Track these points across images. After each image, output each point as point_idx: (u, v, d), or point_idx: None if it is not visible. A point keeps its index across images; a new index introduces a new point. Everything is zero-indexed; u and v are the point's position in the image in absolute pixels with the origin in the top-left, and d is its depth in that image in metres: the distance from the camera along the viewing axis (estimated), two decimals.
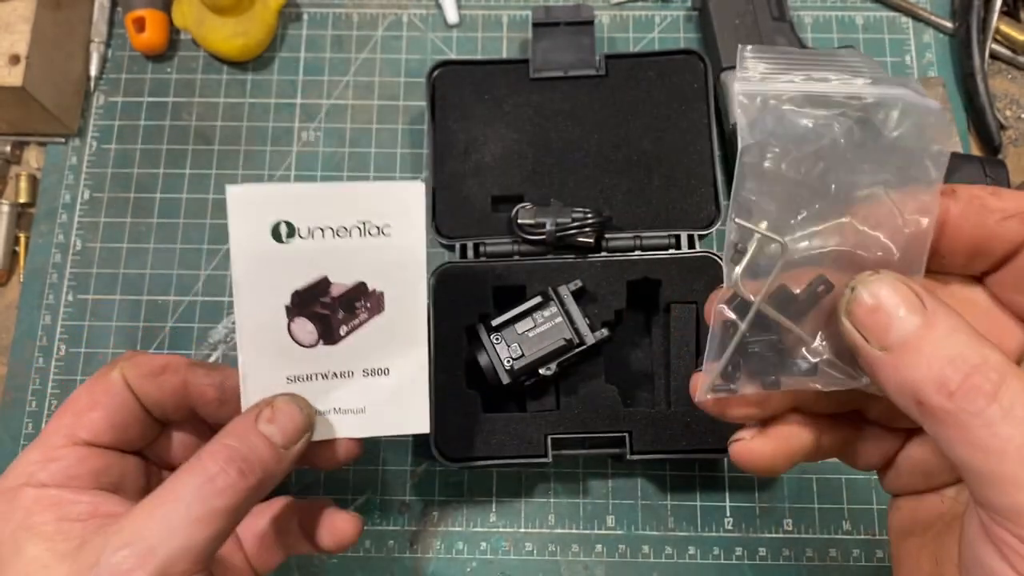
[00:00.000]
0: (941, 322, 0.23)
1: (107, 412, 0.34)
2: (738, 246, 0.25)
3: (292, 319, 0.34)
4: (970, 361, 0.22)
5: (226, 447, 0.31)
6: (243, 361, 0.34)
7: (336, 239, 0.34)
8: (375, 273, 0.35)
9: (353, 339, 0.35)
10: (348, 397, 0.36)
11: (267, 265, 0.33)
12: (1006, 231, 0.25)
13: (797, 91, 0.25)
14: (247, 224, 0.33)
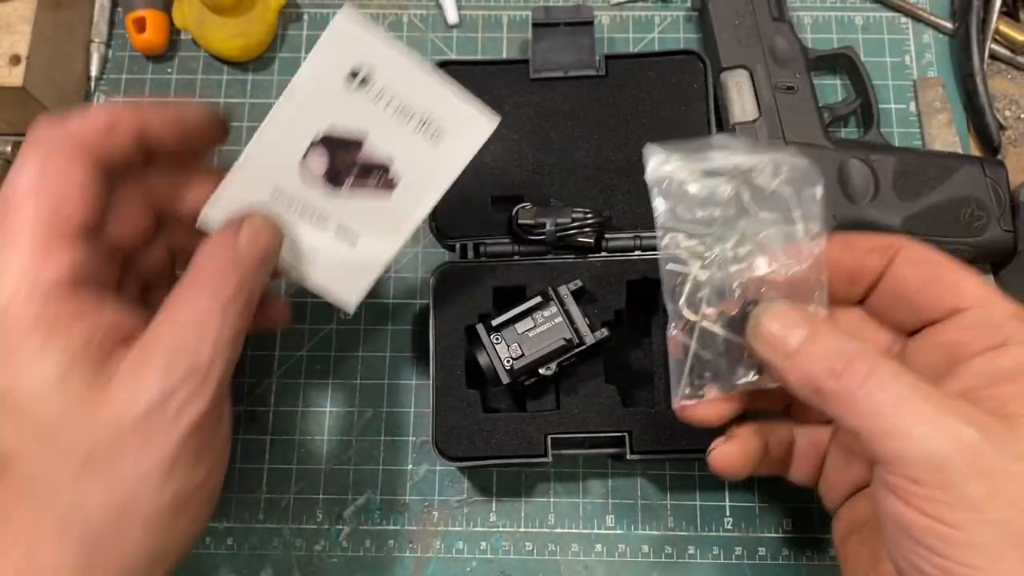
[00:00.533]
0: (824, 331, 0.30)
1: (86, 188, 0.30)
2: (675, 288, 0.33)
3: (312, 148, 0.36)
4: (849, 352, 0.29)
5: (230, 268, 0.32)
6: (249, 151, 0.36)
7: (394, 115, 0.36)
8: (403, 163, 0.37)
9: (348, 196, 0.37)
10: (310, 240, 0.37)
11: (325, 96, 0.35)
12: (869, 262, 0.33)
13: (695, 168, 0.33)
14: (336, 53, 0.35)
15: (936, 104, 0.55)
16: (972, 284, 0.31)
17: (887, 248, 0.33)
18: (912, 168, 0.50)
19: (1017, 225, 0.49)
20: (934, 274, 0.32)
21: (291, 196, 0.37)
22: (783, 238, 0.33)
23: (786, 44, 0.53)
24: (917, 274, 0.32)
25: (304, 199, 0.37)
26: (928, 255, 0.33)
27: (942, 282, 0.32)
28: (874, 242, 0.34)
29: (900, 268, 0.33)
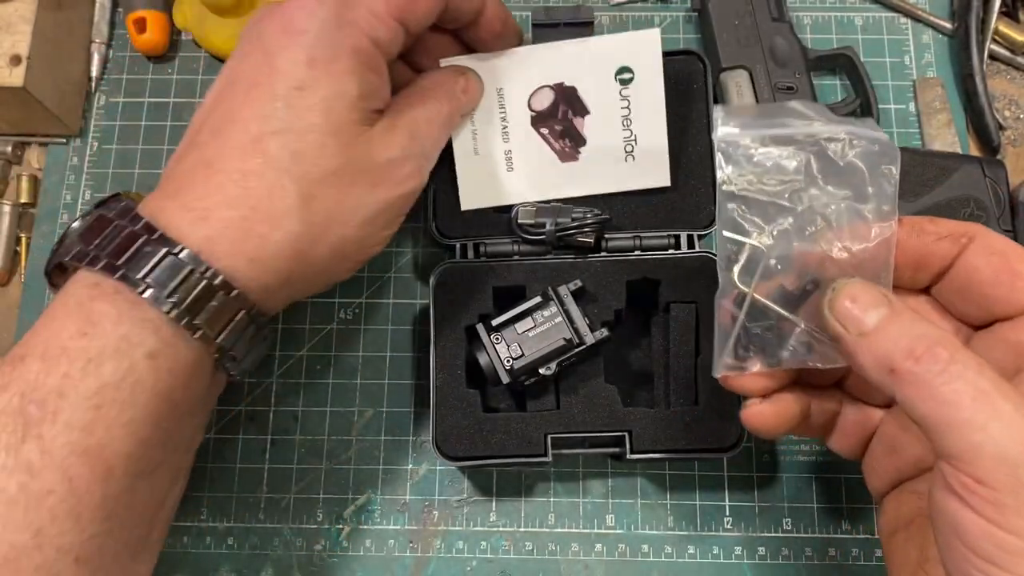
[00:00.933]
0: (905, 312, 0.29)
1: (433, 8, 0.38)
2: (730, 256, 0.32)
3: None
4: (931, 336, 0.27)
5: (449, 97, 0.42)
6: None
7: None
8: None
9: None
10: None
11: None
12: (940, 249, 0.32)
13: (764, 134, 0.32)
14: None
15: (936, 104, 0.55)
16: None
17: (960, 235, 0.31)
18: (912, 168, 0.50)
19: (1017, 225, 0.49)
20: (1008, 267, 0.30)
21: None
22: (852, 215, 0.31)
23: (786, 44, 0.53)
24: (990, 266, 0.31)
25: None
26: (1004, 246, 0.31)
27: (1016, 276, 0.30)
28: (947, 228, 0.32)
29: (972, 258, 0.31)
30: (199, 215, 0.33)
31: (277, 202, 0.34)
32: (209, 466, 0.49)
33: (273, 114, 0.34)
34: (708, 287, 0.45)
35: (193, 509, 0.48)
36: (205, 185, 0.34)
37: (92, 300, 0.32)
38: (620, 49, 0.46)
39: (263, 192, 0.34)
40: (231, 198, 0.33)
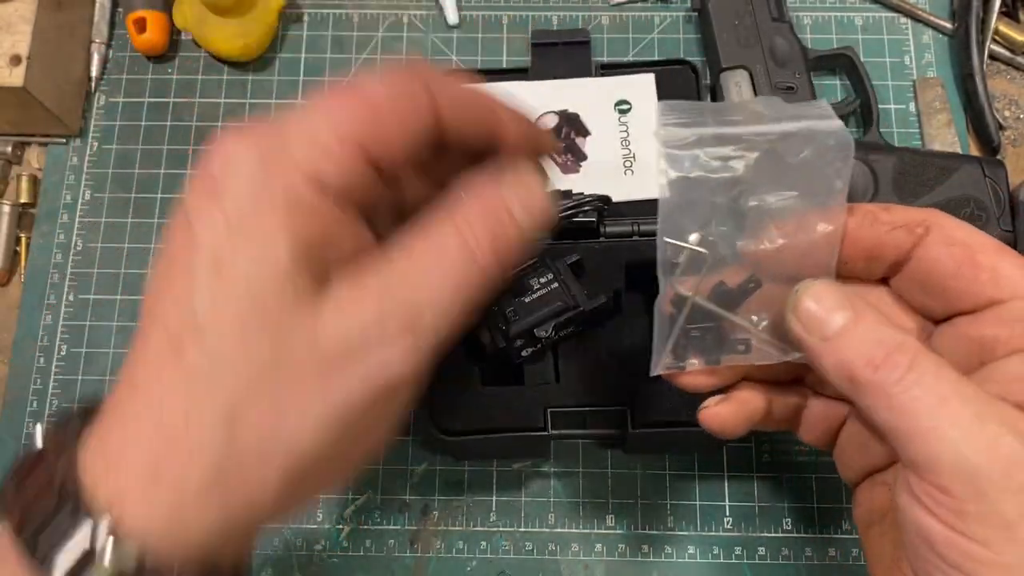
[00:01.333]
0: (867, 316, 0.28)
1: (407, 138, 0.27)
2: (670, 260, 0.31)
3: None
4: (891, 343, 0.27)
5: (486, 224, 0.27)
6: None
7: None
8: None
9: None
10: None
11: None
12: (894, 240, 0.30)
13: (709, 133, 0.30)
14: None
15: (936, 104, 0.55)
16: (1013, 271, 0.28)
17: (916, 224, 0.30)
18: (912, 168, 0.50)
19: (1017, 225, 0.49)
20: (970, 259, 0.29)
21: None
22: (798, 212, 0.30)
23: (786, 44, 0.53)
24: (950, 257, 0.29)
25: None
26: (964, 235, 0.29)
27: (978, 268, 0.28)
28: (902, 216, 0.30)
29: (931, 249, 0.29)
30: (112, 461, 0.26)
31: (194, 430, 0.25)
32: None
33: (190, 305, 0.25)
34: None
35: None
36: (123, 413, 0.27)
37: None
38: (619, 87, 0.51)
39: (179, 418, 0.25)
40: (145, 432, 0.26)
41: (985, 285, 0.28)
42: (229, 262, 0.25)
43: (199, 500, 0.25)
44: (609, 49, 0.57)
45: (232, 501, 0.26)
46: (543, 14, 0.58)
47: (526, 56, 0.55)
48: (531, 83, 0.52)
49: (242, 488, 0.25)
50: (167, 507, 0.25)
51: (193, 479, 0.25)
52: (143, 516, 0.25)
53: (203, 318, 0.25)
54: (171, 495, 0.25)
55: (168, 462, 0.25)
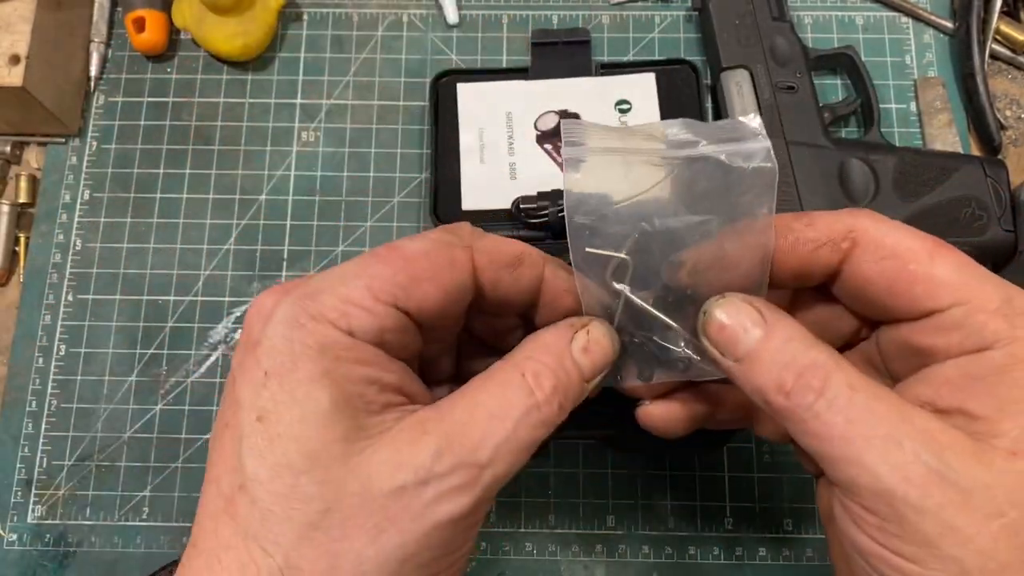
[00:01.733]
0: (778, 333, 0.27)
1: (443, 293, 0.28)
2: (593, 270, 0.29)
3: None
4: (800, 363, 0.26)
5: (551, 371, 0.28)
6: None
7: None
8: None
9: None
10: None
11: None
12: (820, 258, 0.28)
13: (615, 153, 0.28)
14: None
15: (936, 104, 0.55)
16: (950, 276, 0.27)
17: (841, 238, 0.28)
18: (912, 168, 0.50)
19: (1018, 225, 0.49)
20: (902, 272, 0.27)
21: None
22: (716, 234, 0.28)
23: (786, 44, 0.53)
24: (881, 275, 0.28)
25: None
26: (893, 244, 0.28)
27: (912, 280, 0.27)
28: (825, 230, 0.28)
29: (860, 266, 0.28)
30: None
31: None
32: None
33: (239, 462, 0.26)
34: None
35: (193, 509, 0.48)
36: (188, 571, 0.27)
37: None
38: (619, 86, 0.52)
39: (235, 573, 0.26)
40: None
41: (921, 297, 0.27)
42: (272, 417, 0.26)
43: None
44: (609, 49, 0.57)
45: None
46: (543, 13, 0.57)
47: (526, 56, 0.55)
48: (531, 83, 0.52)
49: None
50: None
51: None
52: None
53: (251, 473, 0.25)
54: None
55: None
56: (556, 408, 0.27)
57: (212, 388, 0.50)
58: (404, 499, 0.25)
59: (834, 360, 0.26)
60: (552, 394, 0.27)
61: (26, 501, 0.49)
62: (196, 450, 0.49)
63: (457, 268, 0.28)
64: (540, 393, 0.27)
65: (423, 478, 0.25)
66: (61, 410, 0.50)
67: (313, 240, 0.53)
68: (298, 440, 0.25)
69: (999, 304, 0.26)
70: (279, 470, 0.25)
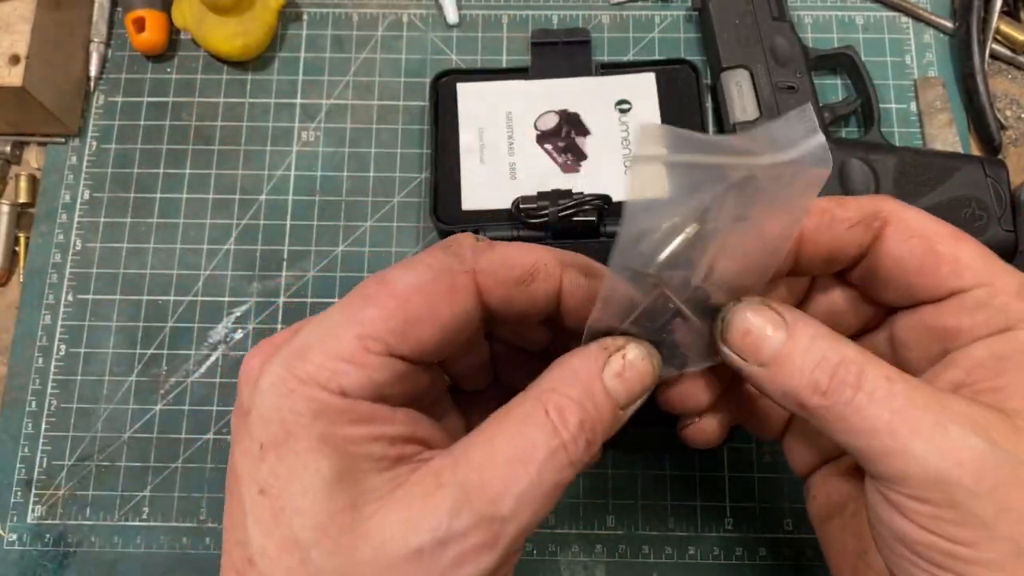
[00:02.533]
0: (802, 332, 0.26)
1: (444, 328, 0.26)
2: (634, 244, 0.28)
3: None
4: (832, 361, 0.25)
5: (577, 406, 0.25)
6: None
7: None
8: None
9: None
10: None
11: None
12: (853, 237, 0.29)
13: (686, 156, 0.26)
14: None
15: (937, 104, 0.55)
16: (973, 259, 0.27)
17: (872, 219, 0.29)
18: (912, 168, 0.50)
19: (1018, 225, 0.49)
20: (932, 250, 0.28)
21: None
22: (755, 224, 0.27)
23: (786, 44, 0.53)
24: (912, 252, 0.28)
25: None
26: (922, 226, 0.28)
27: (938, 260, 0.28)
28: (857, 210, 0.29)
29: (891, 245, 0.28)
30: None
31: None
32: (208, 466, 0.49)
33: (246, 536, 0.25)
34: None
35: (193, 509, 0.48)
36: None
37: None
38: (619, 86, 0.52)
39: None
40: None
41: (947, 276, 0.28)
42: (273, 491, 0.24)
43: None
44: (609, 48, 0.57)
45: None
46: (543, 13, 0.57)
47: (526, 56, 0.55)
48: (531, 83, 0.52)
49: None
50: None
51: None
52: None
53: (258, 548, 0.24)
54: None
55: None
56: (583, 446, 0.25)
57: (212, 388, 0.50)
58: (423, 563, 0.23)
59: (864, 354, 0.26)
60: (579, 431, 0.25)
61: (26, 501, 0.49)
62: (196, 450, 0.49)
63: (459, 298, 0.26)
64: (565, 432, 0.25)
65: (441, 539, 0.23)
66: (61, 410, 0.50)
67: (313, 240, 0.53)
68: (303, 513, 0.24)
69: (1018, 288, 0.27)
70: (287, 545, 0.24)
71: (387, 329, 0.25)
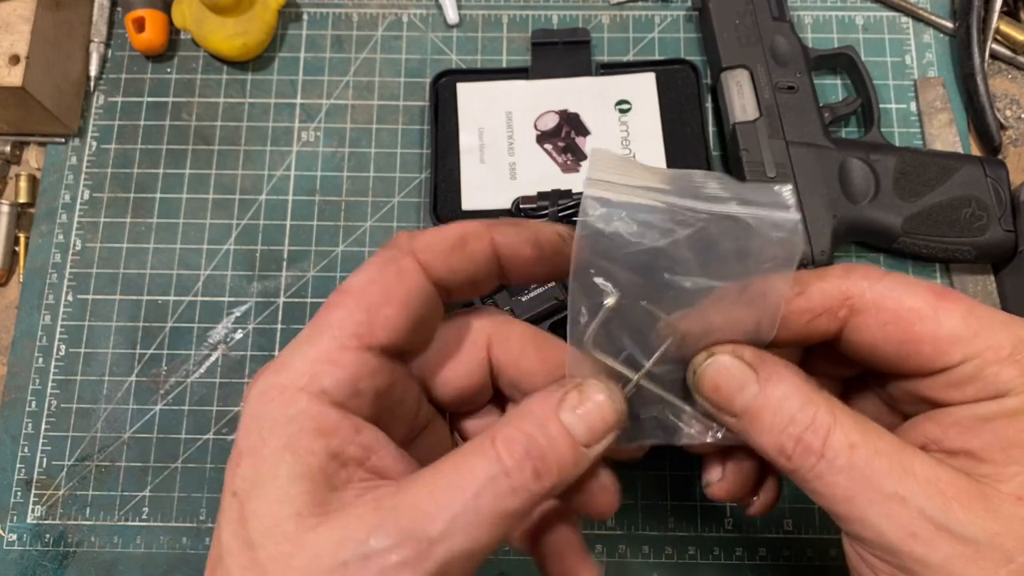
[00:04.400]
0: (773, 389, 0.26)
1: (404, 306, 0.27)
2: (584, 318, 0.27)
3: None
4: (800, 424, 0.26)
5: (524, 436, 0.25)
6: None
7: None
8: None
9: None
10: None
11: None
12: (817, 328, 0.28)
13: (643, 200, 0.26)
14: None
15: (937, 104, 0.55)
16: (957, 330, 0.26)
17: (839, 307, 0.27)
18: (913, 168, 0.50)
19: (1018, 225, 0.49)
20: (906, 334, 0.27)
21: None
22: (725, 301, 0.27)
23: (786, 44, 0.53)
24: (885, 338, 0.27)
25: None
26: (896, 306, 0.27)
27: (919, 343, 0.26)
28: (820, 300, 0.28)
29: (863, 333, 0.27)
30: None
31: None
32: (208, 466, 0.49)
33: (219, 534, 0.26)
34: None
35: (193, 509, 0.48)
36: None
37: None
38: (619, 86, 0.52)
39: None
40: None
41: (931, 357, 0.27)
42: (242, 494, 0.26)
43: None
44: (609, 48, 0.57)
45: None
46: (543, 13, 0.57)
47: (526, 56, 0.55)
48: (531, 83, 0.52)
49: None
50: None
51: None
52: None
53: (225, 546, 0.26)
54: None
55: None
56: (530, 473, 0.25)
57: (212, 388, 0.50)
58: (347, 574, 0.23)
59: (832, 415, 0.26)
60: (524, 458, 0.25)
61: (26, 501, 0.49)
62: (196, 450, 0.49)
63: (407, 277, 0.27)
64: (509, 459, 0.25)
65: (365, 553, 0.23)
66: (61, 410, 0.50)
67: (313, 240, 0.53)
68: (258, 516, 0.25)
69: (1011, 349, 0.26)
70: (243, 545, 0.25)
71: (354, 323, 0.26)
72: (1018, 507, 0.24)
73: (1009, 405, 0.25)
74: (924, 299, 0.27)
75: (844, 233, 0.49)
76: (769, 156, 0.50)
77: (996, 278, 0.51)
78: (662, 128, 0.51)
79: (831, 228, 0.48)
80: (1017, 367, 0.26)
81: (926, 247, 0.49)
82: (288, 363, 0.26)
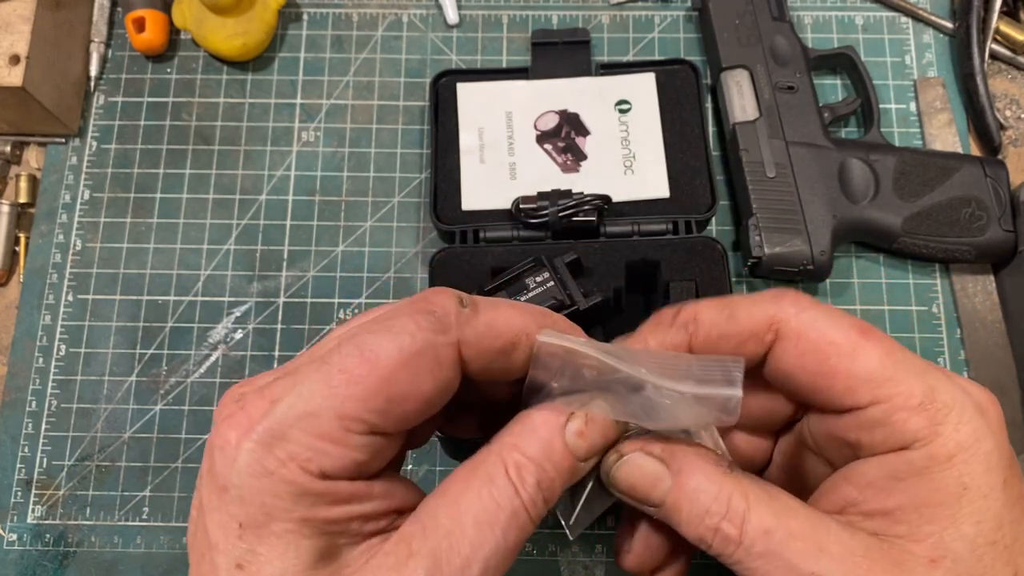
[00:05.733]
0: (686, 480, 0.27)
1: (427, 404, 0.26)
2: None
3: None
4: (717, 514, 0.26)
5: (536, 468, 0.26)
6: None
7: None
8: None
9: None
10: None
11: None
12: (745, 352, 0.28)
13: (592, 355, 0.27)
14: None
15: (936, 104, 0.55)
16: (872, 372, 0.26)
17: (765, 330, 0.28)
18: (912, 168, 0.50)
19: (1017, 225, 0.49)
20: (822, 367, 0.27)
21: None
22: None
23: (786, 44, 0.53)
24: (802, 367, 0.27)
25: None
26: (817, 338, 0.27)
27: (833, 377, 0.27)
28: (748, 324, 0.28)
29: (782, 359, 0.28)
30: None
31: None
32: None
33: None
34: (708, 267, 0.46)
35: None
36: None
37: None
38: (619, 86, 0.52)
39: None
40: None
41: (841, 394, 0.27)
42: (252, 568, 0.24)
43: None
44: (609, 49, 0.57)
45: None
46: (543, 13, 0.57)
47: (526, 56, 0.55)
48: (531, 83, 0.52)
49: None
50: None
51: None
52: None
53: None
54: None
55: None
56: (541, 504, 0.26)
57: (212, 388, 0.50)
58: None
59: (746, 500, 0.26)
60: (535, 491, 0.26)
61: (26, 501, 0.49)
62: (196, 450, 0.49)
63: (442, 372, 0.26)
64: (524, 492, 0.25)
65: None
66: (61, 410, 0.50)
67: (313, 240, 0.53)
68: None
69: (921, 399, 0.26)
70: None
71: (368, 409, 0.25)
72: (931, 570, 0.25)
73: (916, 460, 0.26)
74: (846, 335, 0.27)
75: (844, 233, 0.49)
76: (769, 156, 0.50)
77: (996, 278, 0.51)
78: (662, 128, 0.51)
79: (831, 228, 0.48)
80: (925, 417, 0.26)
81: (926, 247, 0.49)
82: (286, 433, 0.24)
